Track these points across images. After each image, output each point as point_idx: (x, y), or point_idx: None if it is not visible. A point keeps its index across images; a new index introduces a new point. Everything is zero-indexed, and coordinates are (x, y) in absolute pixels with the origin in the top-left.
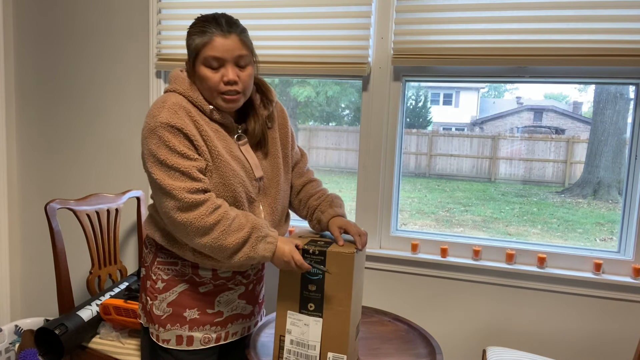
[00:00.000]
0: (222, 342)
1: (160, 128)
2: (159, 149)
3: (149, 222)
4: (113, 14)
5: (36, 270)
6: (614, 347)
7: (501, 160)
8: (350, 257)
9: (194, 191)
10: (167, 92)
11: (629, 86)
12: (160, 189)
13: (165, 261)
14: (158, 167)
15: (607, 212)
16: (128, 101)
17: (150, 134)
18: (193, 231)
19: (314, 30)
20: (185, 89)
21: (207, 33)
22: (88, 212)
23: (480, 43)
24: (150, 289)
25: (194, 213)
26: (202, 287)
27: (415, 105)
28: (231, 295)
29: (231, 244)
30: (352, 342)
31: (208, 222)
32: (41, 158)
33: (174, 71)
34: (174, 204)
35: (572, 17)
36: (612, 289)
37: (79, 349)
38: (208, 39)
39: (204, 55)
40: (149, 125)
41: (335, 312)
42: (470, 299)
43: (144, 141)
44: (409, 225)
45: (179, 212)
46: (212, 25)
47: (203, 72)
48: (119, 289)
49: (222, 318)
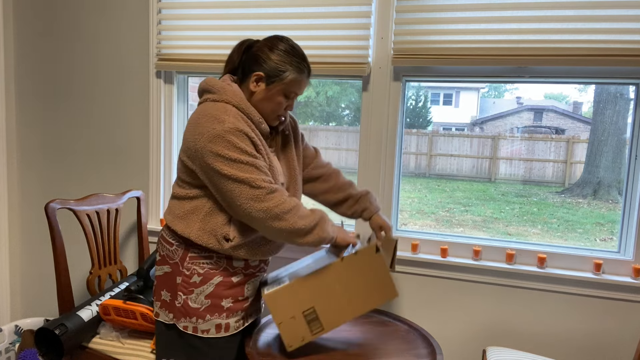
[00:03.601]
0: (246, 324)
1: (229, 133)
2: (229, 150)
3: (180, 223)
4: (113, 14)
5: (36, 270)
6: (614, 347)
7: (501, 160)
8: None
9: (268, 180)
10: (217, 102)
11: (629, 86)
12: (236, 183)
13: (199, 255)
14: (229, 165)
15: (607, 212)
16: (128, 101)
17: (217, 139)
18: (272, 217)
19: (314, 30)
20: (238, 102)
21: (302, 72)
22: (88, 212)
23: (480, 43)
24: (182, 284)
25: (271, 201)
26: (235, 276)
27: (415, 105)
28: (255, 282)
29: (304, 226)
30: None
31: (285, 208)
32: (41, 158)
33: (213, 80)
34: (251, 193)
35: (572, 17)
36: (612, 289)
37: (79, 349)
38: (301, 79)
39: (290, 88)
40: (214, 131)
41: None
42: (470, 299)
43: (208, 145)
44: (409, 225)
45: (257, 202)
46: (306, 67)
47: (278, 98)
48: (118, 289)
49: (248, 303)
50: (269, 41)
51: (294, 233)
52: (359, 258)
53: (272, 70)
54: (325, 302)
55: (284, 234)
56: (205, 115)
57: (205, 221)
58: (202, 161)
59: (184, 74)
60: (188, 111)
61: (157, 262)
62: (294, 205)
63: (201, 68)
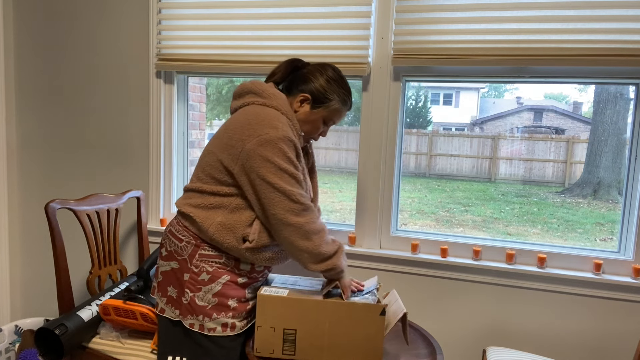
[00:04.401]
0: (249, 325)
1: (281, 140)
2: (279, 157)
3: (200, 212)
4: (113, 14)
5: (36, 270)
6: (614, 347)
7: (501, 160)
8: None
9: (305, 196)
10: (268, 107)
11: (629, 86)
12: (278, 192)
13: (209, 254)
14: (276, 172)
15: (607, 212)
16: (128, 101)
17: (268, 144)
18: (301, 234)
19: (314, 30)
20: (287, 111)
21: (346, 105)
22: (88, 212)
23: (480, 43)
24: (190, 282)
25: (305, 217)
26: (240, 278)
27: (415, 105)
28: (257, 286)
29: (325, 252)
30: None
31: (315, 228)
32: (41, 158)
33: (259, 83)
34: (290, 206)
35: (572, 17)
36: (612, 289)
37: (79, 349)
38: (342, 110)
39: (331, 116)
40: (267, 136)
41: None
42: (470, 299)
43: (258, 149)
44: (409, 225)
45: (293, 215)
46: (349, 100)
47: (318, 123)
48: (118, 289)
49: (250, 305)
50: (320, 66)
51: (313, 255)
52: (360, 309)
53: (319, 96)
54: (308, 332)
55: (304, 253)
56: (258, 118)
57: (228, 217)
58: (246, 163)
59: (184, 74)
60: (188, 111)
61: (164, 257)
62: (322, 229)
63: (201, 68)
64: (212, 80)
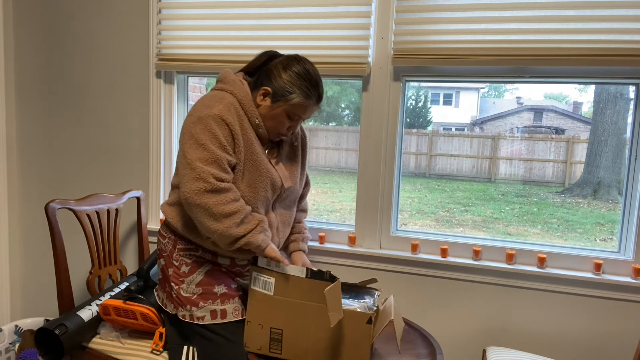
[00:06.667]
0: (242, 316)
1: (211, 118)
2: (202, 134)
3: (171, 211)
4: (113, 14)
5: (36, 270)
6: (614, 347)
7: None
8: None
9: (219, 179)
10: (220, 91)
11: (629, 86)
12: (190, 169)
13: (186, 247)
14: (195, 148)
15: (607, 212)
16: (128, 101)
17: (198, 121)
18: (208, 215)
19: (313, 31)
20: (242, 96)
21: (309, 98)
22: (88, 212)
23: (480, 43)
24: (174, 275)
25: (214, 199)
26: (222, 268)
27: (415, 105)
28: (245, 282)
29: (236, 234)
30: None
31: (224, 210)
32: (41, 158)
33: (226, 72)
34: (199, 185)
35: (572, 17)
36: (612, 289)
37: (79, 349)
38: (306, 104)
39: (294, 110)
40: (199, 113)
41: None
42: (470, 299)
43: (188, 126)
44: (409, 225)
45: (200, 195)
46: (314, 94)
47: (281, 117)
48: (118, 289)
49: (242, 292)
50: (285, 59)
51: (224, 237)
52: (346, 316)
53: (279, 89)
54: (294, 333)
55: (214, 234)
56: (201, 100)
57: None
58: (180, 141)
59: (184, 74)
60: (188, 111)
61: (158, 256)
62: (235, 211)
63: (201, 68)
64: (212, 80)
